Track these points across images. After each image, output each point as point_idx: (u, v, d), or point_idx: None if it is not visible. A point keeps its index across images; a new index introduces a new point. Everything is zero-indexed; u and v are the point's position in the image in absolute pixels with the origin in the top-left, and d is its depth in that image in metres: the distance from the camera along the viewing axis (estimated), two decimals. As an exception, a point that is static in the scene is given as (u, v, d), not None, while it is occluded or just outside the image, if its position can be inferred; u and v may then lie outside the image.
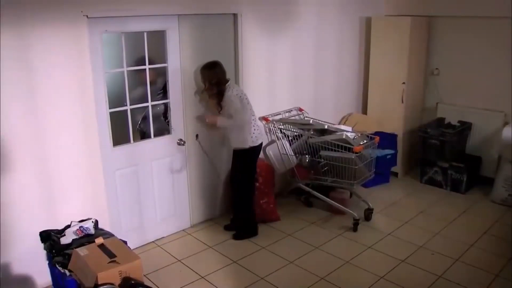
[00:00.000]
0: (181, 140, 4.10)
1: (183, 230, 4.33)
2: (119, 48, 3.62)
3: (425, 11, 5.44)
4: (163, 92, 4.06)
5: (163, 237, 4.19)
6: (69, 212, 3.33)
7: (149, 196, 4.04)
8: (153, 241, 4.12)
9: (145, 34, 3.71)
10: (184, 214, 4.34)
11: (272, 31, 4.53)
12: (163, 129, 4.11)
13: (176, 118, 4.07)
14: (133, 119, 3.89)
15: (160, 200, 4.12)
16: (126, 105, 3.74)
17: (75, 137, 3.38)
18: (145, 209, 4.04)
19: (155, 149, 4.00)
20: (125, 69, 3.66)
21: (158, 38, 3.83)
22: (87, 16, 3.23)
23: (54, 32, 3.11)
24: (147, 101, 3.88)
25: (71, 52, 3.22)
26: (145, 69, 3.82)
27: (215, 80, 3.84)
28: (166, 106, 4.08)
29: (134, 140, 3.89)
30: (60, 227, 2.92)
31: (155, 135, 4.00)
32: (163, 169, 4.08)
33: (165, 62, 3.90)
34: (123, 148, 3.79)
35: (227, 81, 3.91)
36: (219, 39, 4.20)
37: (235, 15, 4.22)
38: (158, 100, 4.03)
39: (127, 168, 3.84)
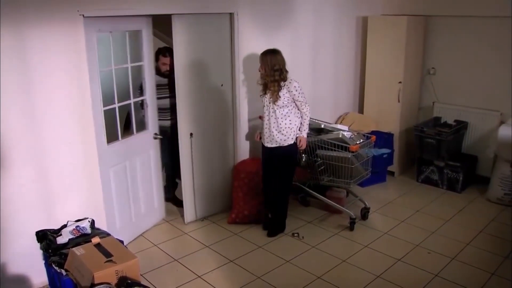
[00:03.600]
0: (156, 134, 4.17)
1: (179, 229, 4.33)
2: (113, 47, 3.61)
3: (422, 11, 5.45)
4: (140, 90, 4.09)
5: (161, 238, 4.19)
6: (66, 211, 3.34)
7: (140, 192, 4.08)
8: (151, 242, 4.12)
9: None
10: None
11: (268, 30, 4.53)
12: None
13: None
14: (121, 116, 3.90)
15: (151, 197, 4.14)
16: (115, 103, 3.75)
17: (72, 135, 3.38)
18: (138, 206, 4.07)
19: (142, 145, 4.03)
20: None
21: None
22: (83, 15, 3.22)
23: (52, 32, 3.10)
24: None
25: (68, 51, 3.22)
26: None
27: (277, 66, 3.77)
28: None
29: (122, 137, 3.90)
30: (57, 226, 2.92)
31: (137, 131, 4.03)
32: (154, 165, 4.14)
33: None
34: (114, 145, 3.80)
35: (287, 70, 3.87)
36: (215, 38, 4.19)
37: (231, 14, 4.21)
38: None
39: (119, 165, 3.86)
